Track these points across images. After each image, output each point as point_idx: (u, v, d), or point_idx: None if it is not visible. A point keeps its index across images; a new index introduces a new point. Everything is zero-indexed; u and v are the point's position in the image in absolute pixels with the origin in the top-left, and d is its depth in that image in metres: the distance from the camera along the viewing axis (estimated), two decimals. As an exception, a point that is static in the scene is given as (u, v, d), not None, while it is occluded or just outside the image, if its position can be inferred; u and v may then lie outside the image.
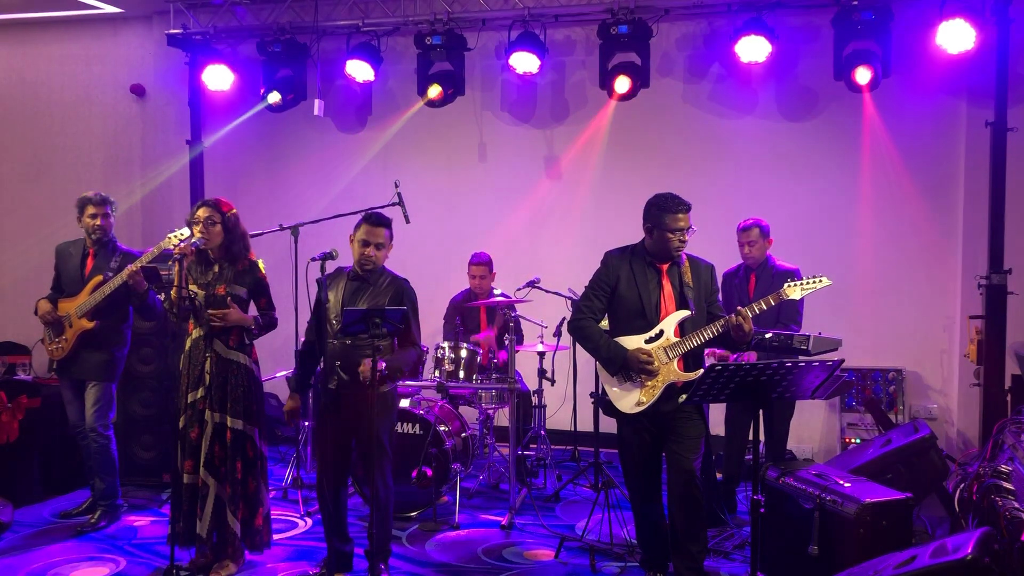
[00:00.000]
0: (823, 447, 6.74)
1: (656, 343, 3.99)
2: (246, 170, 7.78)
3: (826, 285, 4.04)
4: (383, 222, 4.20)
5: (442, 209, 7.33)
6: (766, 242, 5.34)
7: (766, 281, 5.24)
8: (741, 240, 5.34)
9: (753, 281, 5.33)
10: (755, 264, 5.34)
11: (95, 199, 5.00)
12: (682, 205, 3.98)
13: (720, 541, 4.72)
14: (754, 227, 5.31)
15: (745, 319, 3.87)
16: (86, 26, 8.04)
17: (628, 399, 4.02)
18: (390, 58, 7.23)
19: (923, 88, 6.43)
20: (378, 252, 4.17)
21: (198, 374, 4.26)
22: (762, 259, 5.34)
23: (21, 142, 8.27)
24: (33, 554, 4.69)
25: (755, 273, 5.34)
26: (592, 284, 4.16)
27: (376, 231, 4.16)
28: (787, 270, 5.23)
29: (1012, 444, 4.27)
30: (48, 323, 4.96)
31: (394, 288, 4.21)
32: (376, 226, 4.17)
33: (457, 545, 4.89)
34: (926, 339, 6.58)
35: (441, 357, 5.59)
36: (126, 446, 5.77)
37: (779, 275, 5.20)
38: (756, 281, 5.32)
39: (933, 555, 3.06)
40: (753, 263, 5.34)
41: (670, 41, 6.96)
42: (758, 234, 5.30)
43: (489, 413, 6.08)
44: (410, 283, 4.28)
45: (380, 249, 4.17)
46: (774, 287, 4.92)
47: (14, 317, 7.80)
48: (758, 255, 5.32)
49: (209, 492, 4.23)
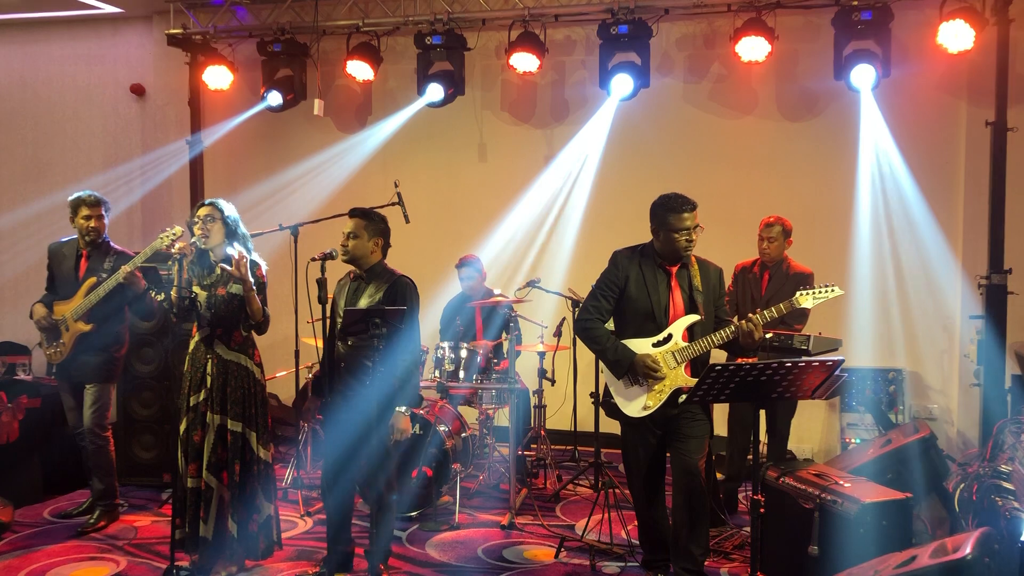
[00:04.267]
0: (823, 447, 6.73)
1: (665, 347, 3.96)
2: (246, 170, 7.78)
3: (838, 295, 4.00)
4: (355, 213, 4.22)
5: (442, 209, 7.33)
6: (785, 242, 5.31)
7: (779, 281, 5.23)
8: (762, 235, 5.31)
9: (766, 279, 5.31)
10: (771, 262, 5.32)
11: (89, 200, 4.94)
12: (687, 204, 3.94)
13: (720, 541, 4.72)
14: (777, 224, 5.29)
15: (756, 327, 3.84)
16: (86, 26, 8.04)
17: (635, 403, 3.99)
18: (390, 58, 7.23)
19: (923, 88, 6.43)
20: (353, 241, 4.15)
21: (200, 377, 4.26)
22: (779, 258, 5.32)
23: (21, 142, 8.27)
24: (33, 554, 4.69)
25: (769, 271, 5.33)
26: (600, 284, 4.10)
27: (348, 221, 4.19)
28: (801, 273, 5.22)
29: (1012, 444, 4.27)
30: (43, 328, 4.95)
31: (392, 286, 4.17)
32: (350, 217, 4.21)
33: (457, 545, 4.89)
34: (926, 339, 6.57)
35: (441, 357, 5.60)
36: (126, 446, 5.77)
37: (793, 277, 5.19)
38: (769, 279, 5.30)
39: (933, 555, 3.06)
40: (769, 260, 5.32)
41: (670, 41, 6.96)
42: (779, 232, 5.27)
43: (489, 413, 6.08)
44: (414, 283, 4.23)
45: (354, 239, 4.16)
46: (786, 289, 4.92)
47: (14, 317, 7.81)
48: (776, 253, 5.30)
49: (213, 495, 4.23)
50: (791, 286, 4.95)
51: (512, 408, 5.38)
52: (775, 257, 5.30)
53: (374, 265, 4.23)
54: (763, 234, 5.30)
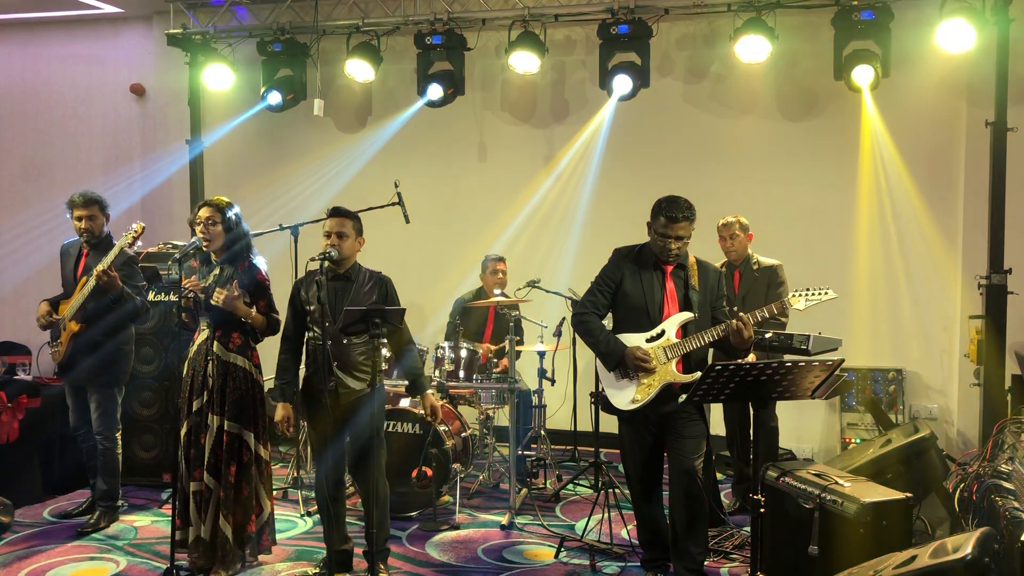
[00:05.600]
0: (823, 447, 6.73)
1: (657, 343, 3.99)
2: (246, 170, 7.78)
3: (832, 298, 4.02)
4: (341, 212, 4.21)
5: (442, 209, 7.33)
6: (747, 237, 5.34)
7: (749, 278, 5.28)
8: (722, 235, 5.34)
9: (737, 278, 5.34)
10: (737, 260, 5.35)
11: (79, 201, 4.91)
12: (677, 213, 3.93)
13: (720, 541, 4.72)
14: (735, 222, 5.32)
15: (746, 325, 3.86)
16: (86, 26, 8.04)
17: (623, 395, 4.03)
18: (390, 58, 7.23)
19: (923, 88, 6.42)
20: (343, 241, 4.14)
21: (201, 379, 4.25)
22: (744, 255, 5.35)
23: (21, 142, 8.27)
24: (33, 554, 4.69)
25: (739, 269, 5.35)
26: (597, 279, 4.17)
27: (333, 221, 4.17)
28: (770, 267, 5.26)
29: (1012, 444, 4.27)
30: (44, 327, 4.94)
31: (380, 286, 4.22)
32: (335, 217, 4.19)
33: (457, 545, 4.89)
34: (926, 339, 6.58)
35: (441, 357, 5.60)
36: (126, 446, 5.74)
37: (763, 272, 5.24)
38: (740, 277, 5.33)
39: (933, 555, 3.06)
40: (735, 259, 5.35)
41: (670, 41, 6.96)
42: (739, 228, 5.30)
43: (489, 413, 6.08)
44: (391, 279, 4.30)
45: (344, 239, 4.15)
46: (759, 283, 5.04)
47: (14, 317, 7.80)
48: (740, 250, 5.32)
49: (212, 496, 4.23)
50: (762, 280, 5.07)
51: (512, 408, 5.38)
52: (740, 254, 5.33)
53: (355, 264, 4.25)
54: (723, 233, 5.33)
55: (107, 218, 5.05)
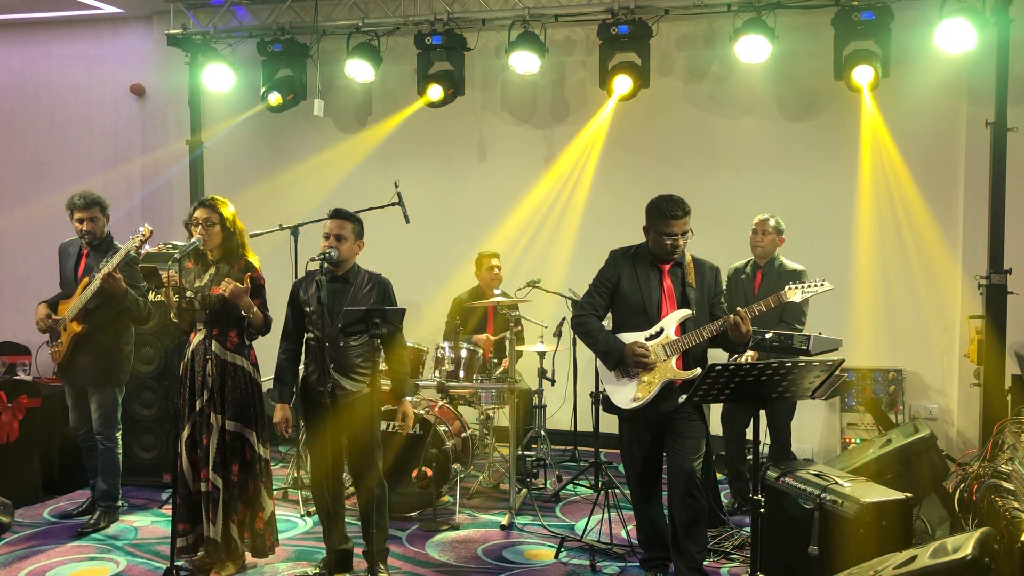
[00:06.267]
0: (823, 447, 6.73)
1: (656, 341, 3.99)
2: (246, 170, 7.78)
3: (828, 290, 4.03)
4: (341, 214, 4.22)
5: (442, 209, 7.33)
6: (779, 239, 5.33)
7: (772, 279, 5.24)
8: (756, 229, 5.33)
9: (759, 278, 5.33)
10: (763, 259, 5.34)
11: (79, 204, 4.90)
12: (677, 210, 3.96)
13: (720, 541, 4.72)
14: (770, 219, 5.32)
15: (743, 319, 3.87)
16: (86, 26, 8.04)
17: (624, 394, 4.03)
18: (390, 58, 7.23)
19: (923, 88, 6.42)
20: (342, 244, 4.15)
21: (201, 379, 4.25)
22: (771, 255, 5.34)
23: (21, 142, 8.27)
24: (33, 554, 4.69)
25: (762, 270, 5.34)
26: (595, 281, 4.18)
27: (332, 223, 4.18)
28: (794, 271, 5.23)
29: (1012, 444, 4.27)
30: (43, 329, 4.93)
31: (379, 288, 4.23)
32: (334, 218, 4.20)
33: (457, 545, 4.89)
34: (926, 339, 6.58)
35: (441, 357, 5.60)
36: (126, 446, 5.74)
37: (786, 275, 5.19)
38: (762, 279, 5.32)
39: (933, 555, 3.06)
40: (762, 258, 5.34)
41: (670, 41, 6.96)
42: (772, 227, 5.30)
43: (489, 413, 6.08)
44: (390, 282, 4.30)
45: (343, 241, 4.16)
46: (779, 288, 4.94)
47: (14, 317, 7.81)
48: (769, 248, 5.31)
49: (219, 495, 4.23)
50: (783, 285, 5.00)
51: (512, 408, 5.38)
52: (768, 253, 5.31)
53: (353, 266, 4.25)
54: (756, 227, 5.33)
55: (107, 219, 5.05)
